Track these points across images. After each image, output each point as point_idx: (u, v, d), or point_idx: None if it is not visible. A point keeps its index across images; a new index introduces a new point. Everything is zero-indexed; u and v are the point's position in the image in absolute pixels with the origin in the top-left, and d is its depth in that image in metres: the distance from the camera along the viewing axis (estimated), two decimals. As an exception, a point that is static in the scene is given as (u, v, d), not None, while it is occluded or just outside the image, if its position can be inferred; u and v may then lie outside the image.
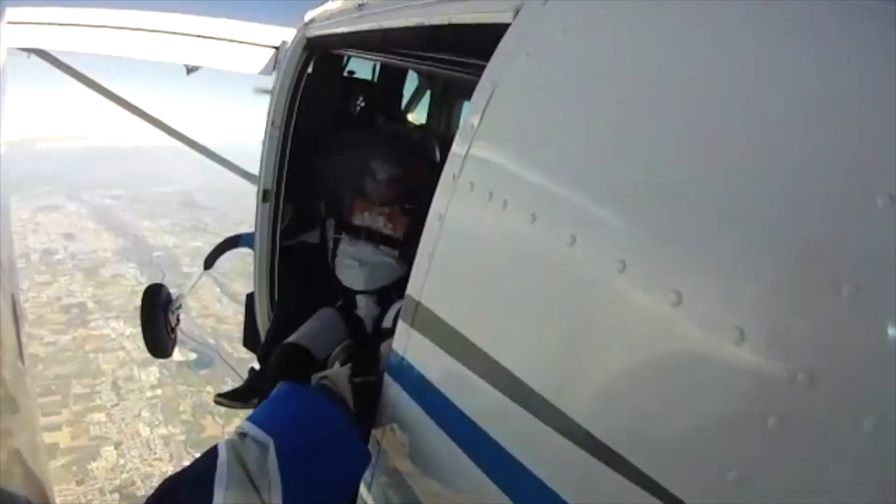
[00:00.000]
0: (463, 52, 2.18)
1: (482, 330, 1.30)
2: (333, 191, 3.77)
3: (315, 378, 1.60)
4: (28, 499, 1.13)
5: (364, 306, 3.48)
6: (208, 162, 4.77)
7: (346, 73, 4.57)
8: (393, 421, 1.64)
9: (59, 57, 4.33)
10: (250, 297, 4.30)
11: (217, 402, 3.88)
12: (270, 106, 3.72)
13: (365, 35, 2.73)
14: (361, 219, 3.54)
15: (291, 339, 3.24)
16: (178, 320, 4.50)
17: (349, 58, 4.49)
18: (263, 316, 4.16)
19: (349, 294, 3.52)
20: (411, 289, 1.54)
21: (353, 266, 3.49)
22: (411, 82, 5.25)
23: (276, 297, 4.00)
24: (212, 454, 1.23)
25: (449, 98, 5.29)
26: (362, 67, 4.72)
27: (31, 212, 69.16)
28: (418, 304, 1.50)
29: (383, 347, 1.73)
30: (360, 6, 2.73)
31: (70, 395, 37.13)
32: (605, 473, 0.96)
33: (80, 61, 4.46)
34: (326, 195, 3.82)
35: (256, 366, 4.02)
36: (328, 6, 3.33)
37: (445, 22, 1.87)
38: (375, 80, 4.82)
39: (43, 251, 57.45)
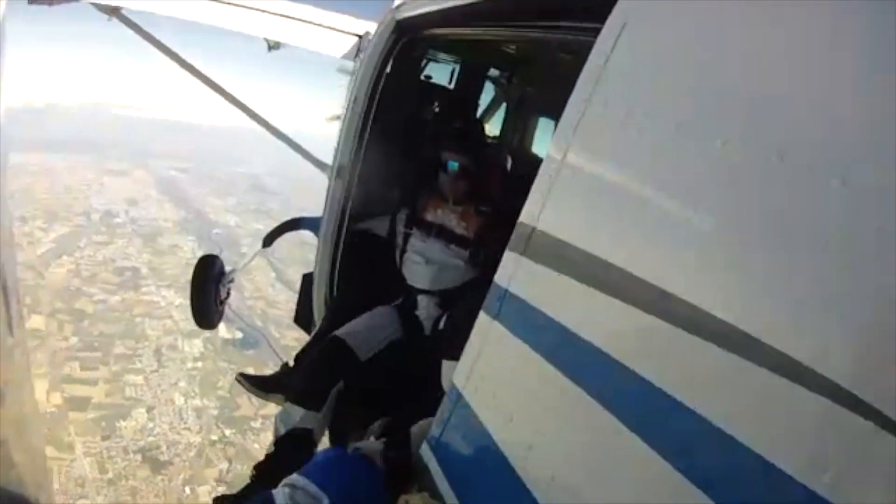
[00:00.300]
0: (574, 14, 2.04)
1: (630, 252, 1.23)
2: (405, 182, 3.73)
3: (351, 447, 1.81)
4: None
5: (425, 307, 3.39)
6: (280, 147, 4.79)
7: (423, 78, 4.56)
8: (487, 361, 1.58)
9: (140, 20, 4.41)
10: (307, 276, 4.30)
11: (238, 381, 3.83)
12: (353, 85, 3.74)
13: (463, 9, 2.65)
14: (434, 215, 3.45)
15: (340, 332, 3.19)
16: (228, 294, 4.54)
17: (427, 62, 4.47)
18: (320, 300, 4.11)
19: (411, 293, 3.44)
20: (525, 216, 1.50)
21: (420, 263, 3.40)
22: (487, 93, 5.21)
23: (336, 288, 3.96)
24: (268, 499, 1.47)
25: (524, 111, 5.22)
26: (439, 73, 4.70)
27: (97, 173, 72.00)
28: (533, 229, 1.46)
29: (415, 428, 1.92)
30: None
31: (112, 354, 38.49)
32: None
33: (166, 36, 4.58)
34: (398, 185, 3.78)
35: (291, 362, 3.96)
36: None
37: None
38: (452, 86, 4.79)
39: (104, 212, 59.70)
